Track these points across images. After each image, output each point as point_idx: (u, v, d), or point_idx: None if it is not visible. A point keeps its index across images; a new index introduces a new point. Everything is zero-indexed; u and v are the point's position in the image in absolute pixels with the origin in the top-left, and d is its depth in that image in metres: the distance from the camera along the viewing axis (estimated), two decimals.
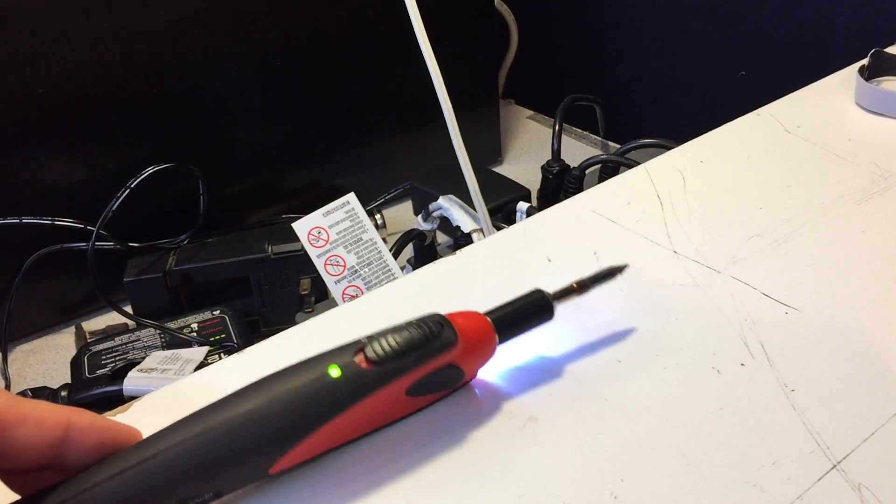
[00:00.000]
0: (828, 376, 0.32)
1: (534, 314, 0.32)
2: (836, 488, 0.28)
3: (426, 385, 0.30)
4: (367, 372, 0.27)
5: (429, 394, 0.31)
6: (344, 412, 0.27)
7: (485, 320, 0.31)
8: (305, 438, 0.27)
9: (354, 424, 0.29)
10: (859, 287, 0.38)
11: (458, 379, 0.31)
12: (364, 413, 0.28)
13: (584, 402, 0.32)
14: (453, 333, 0.29)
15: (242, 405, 0.26)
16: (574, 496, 0.28)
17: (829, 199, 0.45)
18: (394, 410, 0.31)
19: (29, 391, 0.64)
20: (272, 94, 0.90)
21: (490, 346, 0.31)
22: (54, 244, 0.79)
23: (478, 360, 0.32)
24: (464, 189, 0.68)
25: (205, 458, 0.25)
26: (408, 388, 0.29)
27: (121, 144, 0.81)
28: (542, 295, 0.33)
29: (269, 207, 0.96)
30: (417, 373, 0.29)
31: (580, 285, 0.34)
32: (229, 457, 0.25)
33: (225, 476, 0.26)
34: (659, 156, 0.52)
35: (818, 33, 0.85)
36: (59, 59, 0.75)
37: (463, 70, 1.03)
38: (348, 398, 0.27)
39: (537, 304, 0.32)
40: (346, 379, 0.27)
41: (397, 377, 0.28)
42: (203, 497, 0.26)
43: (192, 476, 0.25)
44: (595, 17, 1.12)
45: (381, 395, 0.28)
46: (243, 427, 0.26)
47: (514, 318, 0.32)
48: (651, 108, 1.11)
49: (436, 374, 0.30)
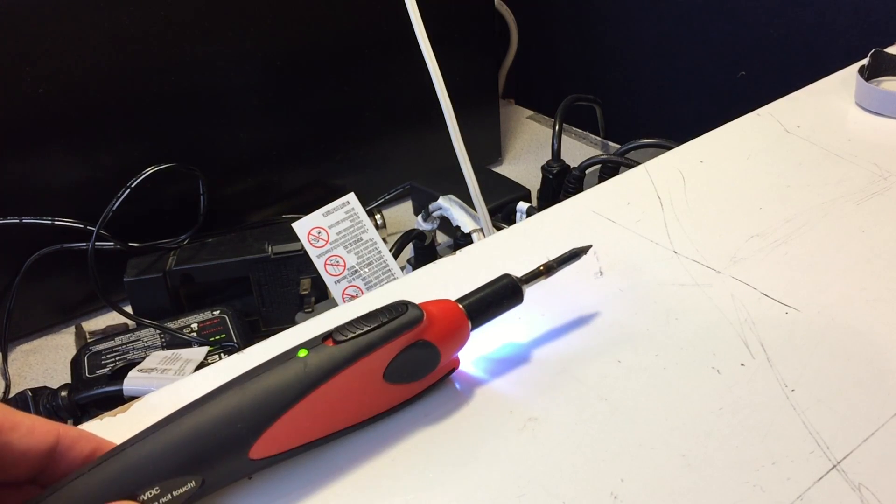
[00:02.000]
0: (828, 376, 0.32)
1: (504, 298, 0.33)
2: (836, 488, 0.28)
3: (403, 368, 0.30)
4: (331, 349, 0.29)
5: (409, 380, 0.31)
6: (314, 390, 0.28)
7: (454, 303, 0.32)
8: (279, 418, 0.27)
9: (332, 408, 0.29)
10: (859, 287, 0.38)
11: (435, 361, 0.31)
12: (339, 395, 0.29)
13: (584, 402, 0.32)
14: (418, 310, 0.30)
15: (218, 394, 0.27)
16: (574, 496, 0.28)
17: (829, 199, 0.45)
18: (376, 398, 0.31)
19: (29, 391, 0.64)
20: (272, 94, 0.90)
21: (462, 326, 0.32)
22: (54, 244, 0.79)
23: (451, 340, 0.31)
24: (464, 189, 0.68)
25: (181, 444, 0.26)
26: (384, 372, 0.30)
27: (121, 144, 0.81)
28: (511, 279, 0.33)
29: (269, 207, 0.96)
30: (387, 350, 0.29)
31: (547, 267, 0.35)
32: (205, 440, 0.26)
33: (204, 461, 0.26)
34: (659, 156, 0.52)
35: (818, 33, 0.85)
36: (59, 59, 0.75)
37: (463, 70, 1.03)
38: (316, 375, 0.28)
39: (506, 287, 0.33)
40: (313, 358, 0.28)
41: (365, 353, 0.29)
42: (187, 486, 0.26)
43: (170, 463, 0.25)
44: (595, 17, 1.12)
45: (352, 374, 0.29)
46: (218, 411, 0.26)
47: (485, 301, 0.33)
48: (651, 108, 1.11)
49: (409, 353, 0.30)
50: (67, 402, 0.63)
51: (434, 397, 0.33)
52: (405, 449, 0.30)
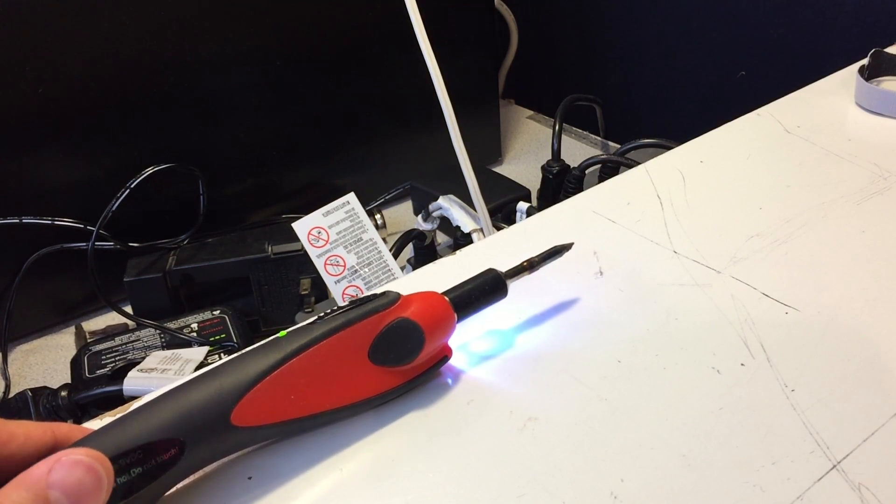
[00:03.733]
0: (828, 376, 0.32)
1: (486, 289, 0.34)
2: (836, 488, 0.28)
3: (387, 348, 0.31)
4: (309, 325, 0.30)
5: (396, 363, 0.31)
6: (291, 359, 0.29)
7: (438, 294, 0.33)
8: (258, 382, 0.28)
9: (316, 382, 0.30)
10: (859, 287, 0.38)
11: (419, 340, 0.31)
12: (321, 370, 0.30)
13: (584, 402, 0.32)
14: (394, 293, 0.32)
15: (204, 372, 0.29)
16: (574, 496, 0.28)
17: (829, 199, 0.45)
18: (364, 381, 0.31)
19: (29, 391, 0.64)
20: (272, 94, 0.90)
21: (447, 317, 0.32)
22: (54, 244, 0.79)
23: (434, 322, 0.32)
24: (464, 189, 0.68)
25: (162, 405, 0.27)
26: (368, 351, 0.31)
27: (121, 144, 0.81)
28: (496, 273, 0.34)
29: (269, 207, 0.96)
30: (365, 327, 0.30)
31: (530, 263, 0.36)
32: (186, 402, 0.27)
33: (186, 422, 0.27)
34: (659, 156, 0.52)
35: (818, 33, 0.85)
36: (59, 59, 0.75)
37: (463, 70, 1.03)
38: (293, 346, 0.29)
39: (491, 282, 0.34)
40: (290, 335, 0.30)
41: (340, 329, 0.30)
42: (170, 452, 0.26)
43: (152, 425, 0.26)
44: (595, 17, 1.12)
45: (332, 348, 0.30)
46: (199, 378, 0.28)
47: (469, 295, 0.34)
48: (651, 108, 1.11)
49: (391, 332, 0.31)
50: (67, 402, 0.63)
51: (434, 398, 0.33)
52: (405, 449, 0.30)
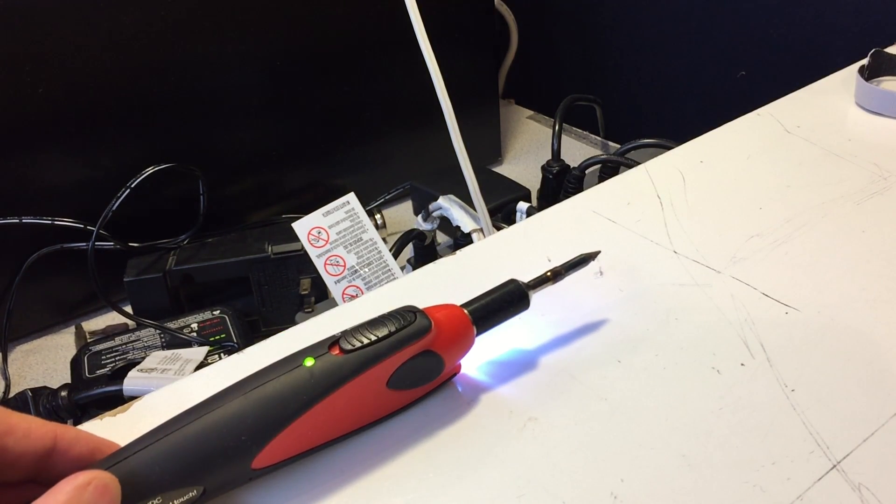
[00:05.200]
0: (828, 376, 0.32)
1: (510, 304, 0.33)
2: (836, 488, 0.28)
3: (406, 376, 0.30)
4: (340, 360, 0.28)
5: (411, 387, 0.31)
6: (320, 401, 0.27)
7: (460, 310, 0.32)
8: (284, 429, 0.27)
9: (336, 416, 0.29)
10: (859, 287, 0.38)
11: (439, 369, 0.31)
12: (344, 404, 0.28)
13: (584, 402, 0.32)
14: (427, 320, 0.30)
15: (222, 401, 0.26)
16: (574, 496, 0.28)
17: (829, 199, 0.45)
18: (378, 405, 0.30)
19: (29, 391, 0.64)
20: (272, 94, 0.90)
21: (467, 334, 0.31)
22: (54, 244, 0.79)
23: (456, 348, 0.31)
24: (464, 189, 0.68)
25: (183, 455, 0.25)
26: (388, 380, 0.29)
27: (121, 144, 0.81)
28: (518, 285, 0.33)
29: (269, 207, 0.96)
30: (393, 360, 0.29)
31: (554, 273, 0.34)
32: (209, 451, 0.25)
33: (206, 472, 0.26)
34: (659, 156, 0.52)
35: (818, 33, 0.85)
36: (59, 59, 0.75)
37: (463, 70, 1.03)
38: (322, 386, 0.27)
39: (513, 293, 0.33)
40: (319, 368, 0.27)
41: (372, 364, 0.28)
42: (188, 496, 0.25)
43: (172, 474, 0.25)
44: (595, 17, 1.12)
45: (357, 384, 0.28)
46: (222, 421, 0.26)
47: (491, 308, 0.32)
48: (651, 108, 1.11)
49: (414, 362, 0.29)
50: (67, 402, 0.63)
51: (434, 398, 0.33)
52: (405, 450, 0.30)
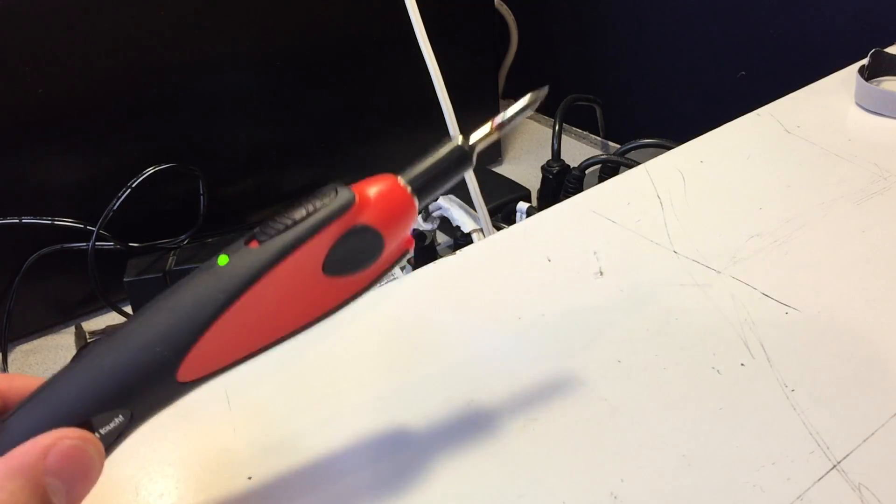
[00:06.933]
0: (828, 376, 0.32)
1: (450, 165, 0.29)
2: (836, 488, 0.28)
3: (343, 259, 0.27)
4: (256, 250, 0.26)
5: (354, 271, 0.27)
6: (239, 298, 0.25)
7: (392, 177, 0.29)
8: (202, 334, 0.25)
9: (268, 314, 0.26)
10: (859, 287, 0.38)
11: (379, 246, 0.28)
12: (274, 298, 0.26)
13: (584, 402, 0.32)
14: (349, 192, 0.27)
15: (135, 318, 0.25)
16: (574, 496, 0.28)
17: (829, 199, 0.45)
18: (320, 296, 0.27)
19: None
20: (272, 94, 0.90)
21: (405, 204, 0.28)
22: (54, 244, 0.79)
23: (393, 219, 0.28)
24: (464, 189, 0.68)
25: (101, 374, 0.24)
26: (323, 266, 0.26)
27: (121, 144, 0.82)
28: (456, 143, 0.30)
29: (269, 207, 0.96)
30: (319, 242, 0.26)
31: (499, 126, 0.31)
32: (126, 367, 0.24)
33: (129, 391, 0.24)
34: (659, 156, 0.52)
35: (818, 33, 0.85)
36: (59, 59, 0.75)
37: (463, 70, 1.03)
38: (238, 281, 0.25)
39: (451, 153, 0.30)
40: (233, 263, 0.25)
41: (292, 249, 0.26)
42: (116, 421, 0.24)
43: (93, 396, 0.24)
44: (595, 17, 1.12)
45: (283, 274, 0.26)
46: (134, 334, 0.24)
47: (429, 172, 0.29)
48: (651, 108, 1.11)
49: (346, 242, 0.27)
50: None
51: (434, 399, 0.33)
52: (405, 450, 0.30)
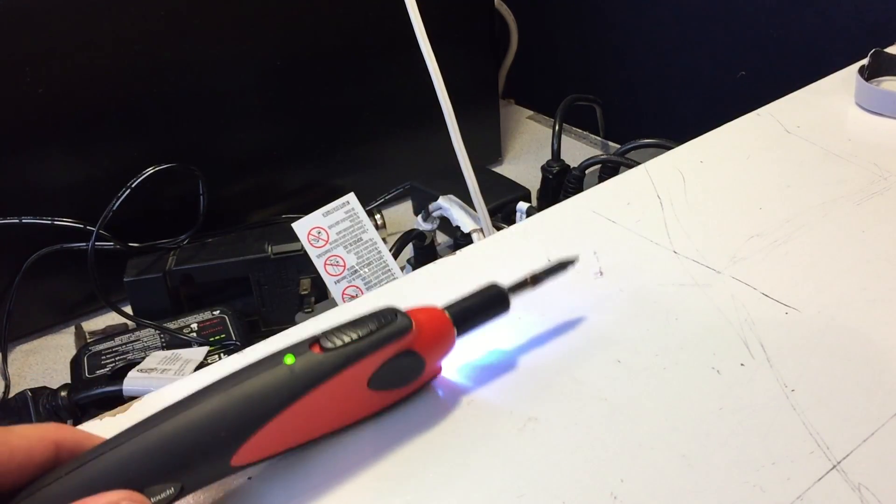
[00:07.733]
0: (828, 376, 0.32)
1: (490, 307, 0.33)
2: (836, 488, 0.28)
3: (387, 376, 0.30)
4: (320, 357, 0.28)
5: (392, 388, 0.31)
6: (299, 398, 0.27)
7: (441, 311, 0.32)
8: (263, 426, 0.27)
9: (315, 415, 0.29)
10: (859, 287, 0.38)
11: (420, 370, 0.31)
12: (323, 403, 0.28)
13: (584, 402, 0.32)
14: (407, 320, 0.30)
15: (203, 398, 0.26)
16: (574, 496, 0.28)
17: (829, 199, 0.45)
18: (358, 405, 0.31)
19: (29, 391, 0.64)
20: (272, 94, 0.90)
21: (448, 335, 0.32)
22: (54, 244, 0.79)
23: (437, 349, 0.32)
24: (464, 189, 0.68)
25: (162, 451, 0.25)
26: (369, 380, 0.29)
27: (121, 144, 0.81)
28: (499, 289, 0.34)
29: (269, 207, 0.96)
30: (373, 359, 0.29)
31: (534, 279, 0.35)
32: (188, 448, 0.25)
33: (185, 468, 0.26)
34: (659, 156, 0.52)
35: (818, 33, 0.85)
36: (59, 59, 0.75)
37: (463, 70, 1.03)
38: (302, 383, 0.27)
39: (494, 297, 0.33)
40: (300, 365, 0.28)
41: (352, 363, 0.28)
42: (166, 492, 0.25)
43: (150, 469, 0.25)
44: (595, 17, 1.11)
45: (337, 382, 0.28)
46: (201, 418, 0.26)
47: (471, 310, 0.33)
48: (651, 108, 1.11)
49: (394, 362, 0.30)
50: (67, 403, 0.63)
51: (434, 399, 0.33)
52: (405, 450, 0.30)
